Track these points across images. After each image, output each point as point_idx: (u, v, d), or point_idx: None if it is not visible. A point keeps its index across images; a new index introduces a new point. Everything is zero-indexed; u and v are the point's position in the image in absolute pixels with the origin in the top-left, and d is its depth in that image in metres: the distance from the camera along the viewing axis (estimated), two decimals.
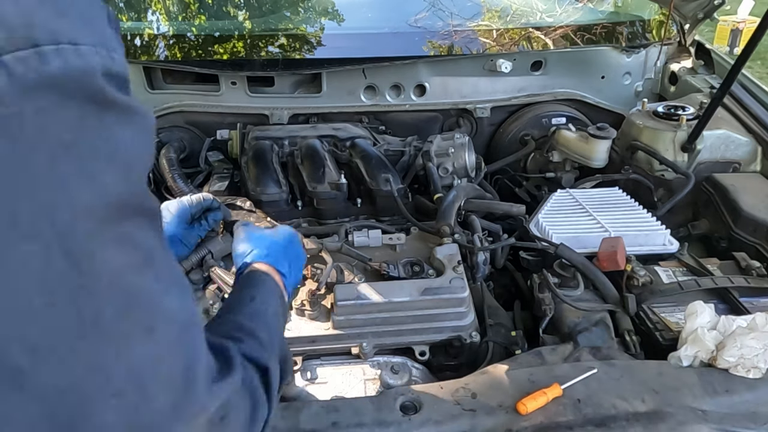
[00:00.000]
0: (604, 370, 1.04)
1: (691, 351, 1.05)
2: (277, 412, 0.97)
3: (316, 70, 1.95)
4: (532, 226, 1.48)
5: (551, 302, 1.27)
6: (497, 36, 2.13)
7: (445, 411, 0.97)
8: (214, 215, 1.25)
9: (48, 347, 0.39)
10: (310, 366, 1.18)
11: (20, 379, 0.39)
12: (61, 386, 0.40)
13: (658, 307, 1.24)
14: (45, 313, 0.39)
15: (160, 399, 0.45)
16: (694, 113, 1.72)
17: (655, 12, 2.20)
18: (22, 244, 0.38)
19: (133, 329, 0.43)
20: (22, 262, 0.38)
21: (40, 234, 0.38)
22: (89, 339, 0.41)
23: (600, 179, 1.76)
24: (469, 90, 2.03)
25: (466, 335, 1.22)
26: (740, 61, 1.46)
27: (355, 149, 1.71)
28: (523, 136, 2.02)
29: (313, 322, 1.19)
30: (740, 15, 6.27)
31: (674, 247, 1.41)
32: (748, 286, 1.26)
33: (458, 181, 1.66)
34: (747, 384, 1.00)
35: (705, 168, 1.67)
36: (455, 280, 1.21)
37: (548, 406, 0.96)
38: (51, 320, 0.39)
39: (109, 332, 0.42)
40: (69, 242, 0.39)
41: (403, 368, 1.19)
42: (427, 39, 2.09)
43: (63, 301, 0.40)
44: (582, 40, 2.09)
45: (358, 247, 1.34)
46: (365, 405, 0.99)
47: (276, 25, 2.21)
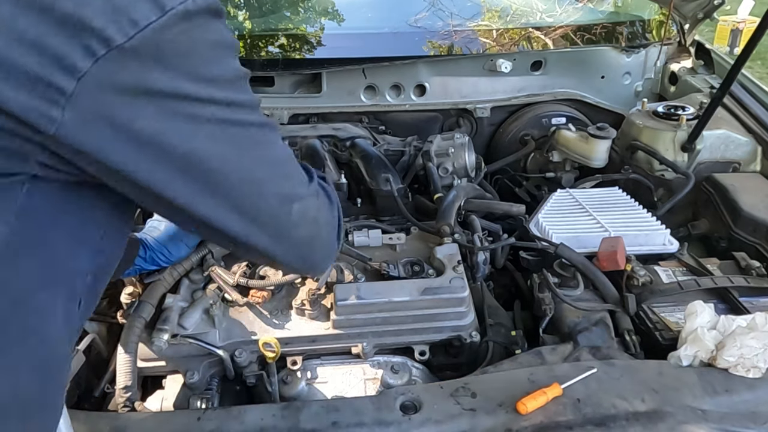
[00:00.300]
0: (604, 369, 1.04)
1: (690, 351, 1.05)
2: (277, 412, 0.97)
3: (316, 70, 1.95)
4: (532, 226, 1.48)
5: (551, 302, 1.27)
6: (497, 36, 2.13)
7: (445, 410, 0.97)
8: None
9: (234, 161, 0.64)
10: (310, 366, 1.19)
11: (214, 186, 0.63)
12: (244, 180, 0.65)
13: (657, 307, 1.24)
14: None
15: (295, 178, 0.74)
16: (694, 113, 1.72)
17: (655, 12, 2.21)
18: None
19: (272, 153, 0.69)
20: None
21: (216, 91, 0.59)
22: (255, 150, 0.66)
23: (600, 179, 1.76)
24: (469, 90, 2.03)
25: (466, 335, 1.22)
26: (740, 61, 1.47)
27: (355, 149, 1.71)
28: (523, 136, 2.02)
29: (313, 322, 1.19)
30: (740, 15, 6.27)
31: (674, 246, 1.41)
32: (747, 285, 1.26)
33: (458, 181, 1.66)
34: (747, 384, 1.00)
35: (705, 168, 1.67)
36: (455, 280, 1.21)
37: (548, 405, 0.96)
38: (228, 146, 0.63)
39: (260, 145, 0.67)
40: (231, 98, 0.61)
41: (403, 368, 1.19)
42: (427, 39, 2.09)
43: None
44: (582, 40, 2.09)
45: (358, 246, 1.34)
46: (365, 405, 0.99)
47: (276, 25, 2.21)
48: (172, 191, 0.60)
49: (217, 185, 0.63)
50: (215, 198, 0.64)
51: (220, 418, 0.97)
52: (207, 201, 0.63)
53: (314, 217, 0.77)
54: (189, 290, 1.22)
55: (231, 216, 0.66)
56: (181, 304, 1.18)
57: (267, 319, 1.19)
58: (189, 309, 1.17)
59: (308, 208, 0.75)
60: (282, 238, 0.73)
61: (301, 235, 0.76)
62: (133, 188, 0.60)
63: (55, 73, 0.48)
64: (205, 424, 0.96)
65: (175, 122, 0.56)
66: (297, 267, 0.86)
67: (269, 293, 1.22)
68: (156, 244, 1.17)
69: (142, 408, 1.09)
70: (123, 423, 0.98)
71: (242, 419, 0.96)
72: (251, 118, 0.64)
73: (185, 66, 0.56)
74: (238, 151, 0.63)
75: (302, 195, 0.74)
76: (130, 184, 0.59)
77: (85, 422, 0.97)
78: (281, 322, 1.19)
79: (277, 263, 0.82)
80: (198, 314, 1.17)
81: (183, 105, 0.56)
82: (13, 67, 0.48)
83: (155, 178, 0.59)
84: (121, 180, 0.58)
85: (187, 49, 0.55)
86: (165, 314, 1.15)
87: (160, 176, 0.59)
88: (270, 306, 1.22)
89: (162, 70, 0.54)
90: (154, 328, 1.12)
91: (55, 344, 0.64)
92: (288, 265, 0.80)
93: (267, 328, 1.18)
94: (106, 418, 1.00)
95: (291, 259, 0.78)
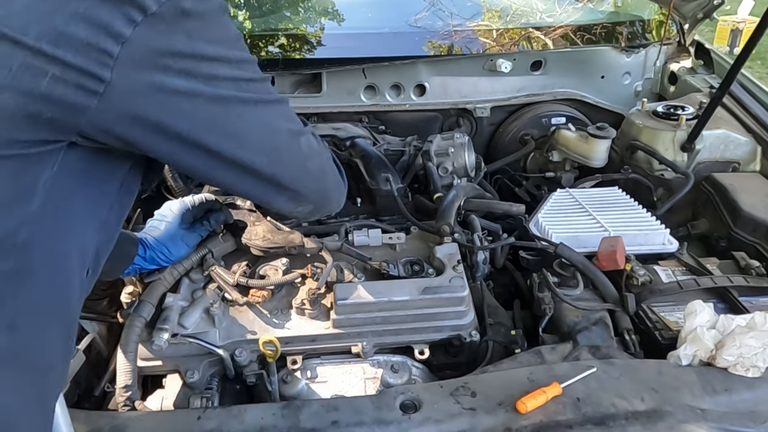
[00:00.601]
0: (604, 369, 1.04)
1: (690, 350, 1.05)
2: (277, 411, 0.98)
3: (316, 70, 1.95)
4: (532, 226, 1.48)
5: (551, 301, 1.27)
6: (497, 36, 2.13)
7: (444, 410, 0.97)
8: (216, 216, 1.25)
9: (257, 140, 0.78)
10: (310, 365, 1.19)
11: (238, 132, 0.74)
12: (260, 123, 0.77)
13: (657, 307, 1.24)
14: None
15: (294, 117, 0.86)
16: (694, 113, 1.72)
17: (654, 12, 2.21)
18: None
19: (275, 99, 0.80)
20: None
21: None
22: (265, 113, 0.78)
23: (600, 179, 1.76)
24: (469, 90, 2.04)
25: (466, 334, 1.22)
26: (740, 60, 1.47)
27: (355, 149, 1.71)
28: (522, 135, 2.02)
29: (313, 321, 1.20)
30: (740, 15, 6.27)
31: (674, 246, 1.41)
32: (747, 285, 1.26)
33: (458, 180, 1.66)
34: (746, 383, 1.00)
35: (704, 168, 1.67)
36: (455, 279, 1.21)
37: (548, 404, 0.96)
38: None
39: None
40: (238, 56, 0.71)
41: (402, 367, 1.19)
42: (427, 39, 2.09)
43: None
44: (582, 40, 2.09)
45: (358, 246, 1.35)
46: (365, 404, 0.99)
47: (276, 25, 2.21)
48: (205, 138, 0.71)
49: (240, 131, 0.74)
50: (241, 141, 0.75)
51: (220, 417, 0.97)
52: (233, 144, 0.74)
53: (318, 150, 0.90)
54: (189, 289, 1.22)
55: (258, 157, 0.78)
56: (182, 304, 1.18)
57: (267, 319, 1.20)
58: (189, 308, 1.18)
59: (311, 142, 0.87)
60: (300, 171, 0.86)
61: (314, 167, 0.89)
62: (163, 139, 0.68)
63: (104, 40, 0.57)
64: (205, 423, 0.96)
65: (196, 75, 0.65)
66: (316, 200, 0.94)
67: (269, 293, 1.22)
68: (156, 244, 1.17)
69: (142, 407, 1.09)
70: (123, 422, 0.98)
71: (242, 418, 0.96)
72: (256, 75, 0.74)
73: (200, 28, 0.65)
74: (253, 102, 0.74)
75: (304, 130, 0.86)
76: (161, 137, 0.67)
77: (85, 421, 0.97)
78: (281, 321, 1.19)
79: (299, 200, 0.90)
80: (198, 313, 1.17)
81: (201, 65, 0.66)
82: (72, 38, 0.56)
83: (183, 126, 0.68)
84: (153, 133, 0.66)
85: (202, 11, 0.65)
86: (165, 313, 1.15)
87: (186, 125, 0.68)
88: (270, 305, 1.22)
89: (183, 32, 0.63)
90: (154, 328, 1.12)
91: (75, 306, 0.73)
92: (308, 198, 0.90)
93: (267, 327, 1.18)
94: (106, 418, 1.00)
95: (309, 192, 0.90)
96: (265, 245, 1.28)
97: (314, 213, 0.99)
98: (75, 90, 0.57)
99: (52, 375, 0.70)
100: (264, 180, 0.81)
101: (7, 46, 0.54)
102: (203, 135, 0.70)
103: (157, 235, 1.18)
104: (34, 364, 0.66)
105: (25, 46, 0.54)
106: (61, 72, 0.56)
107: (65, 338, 0.72)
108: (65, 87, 0.57)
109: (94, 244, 0.73)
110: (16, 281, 0.62)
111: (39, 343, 0.67)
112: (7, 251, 0.60)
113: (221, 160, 0.74)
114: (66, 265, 0.68)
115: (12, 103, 0.56)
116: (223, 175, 0.77)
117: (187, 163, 0.73)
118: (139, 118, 0.64)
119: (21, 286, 0.63)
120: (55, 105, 0.57)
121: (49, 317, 0.68)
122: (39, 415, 0.68)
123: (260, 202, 0.94)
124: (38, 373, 0.67)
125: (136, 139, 0.66)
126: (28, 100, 0.56)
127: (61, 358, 0.72)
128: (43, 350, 0.67)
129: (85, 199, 0.69)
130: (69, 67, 0.56)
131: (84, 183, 0.68)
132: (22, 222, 0.61)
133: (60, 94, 0.57)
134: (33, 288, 0.64)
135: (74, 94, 0.58)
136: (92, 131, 0.62)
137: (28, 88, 0.56)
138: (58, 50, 0.55)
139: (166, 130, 0.67)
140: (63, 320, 0.70)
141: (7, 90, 0.55)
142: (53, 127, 0.60)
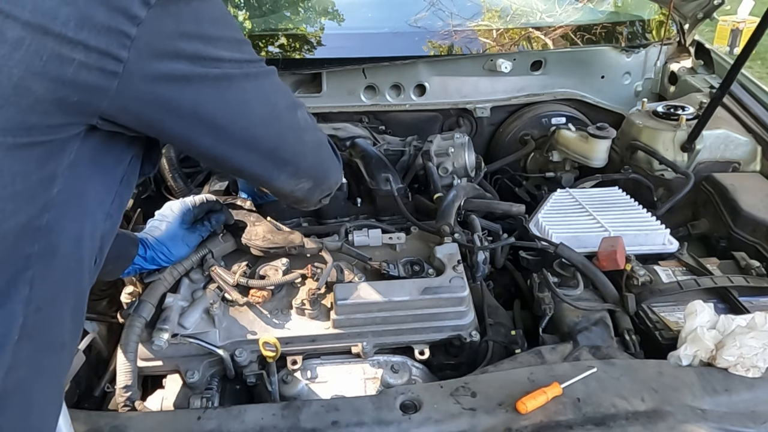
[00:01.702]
0: (604, 369, 1.04)
1: (690, 350, 1.05)
2: (277, 411, 0.98)
3: (316, 70, 1.95)
4: (532, 226, 1.48)
5: (551, 301, 1.27)
6: (497, 36, 2.13)
7: (445, 410, 0.97)
8: (217, 217, 1.25)
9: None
10: (310, 365, 1.19)
11: (243, 109, 0.78)
12: (261, 101, 0.81)
13: (657, 307, 1.24)
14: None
15: (288, 91, 0.92)
16: (694, 113, 1.72)
17: (655, 12, 2.21)
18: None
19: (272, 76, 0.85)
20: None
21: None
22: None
23: (600, 179, 1.76)
24: (469, 90, 2.04)
25: (466, 334, 1.22)
26: (740, 60, 1.47)
27: (355, 149, 1.71)
28: (522, 135, 2.02)
29: (313, 321, 1.20)
30: (740, 15, 6.27)
31: (674, 246, 1.41)
32: (747, 285, 1.26)
33: (458, 180, 1.66)
34: (746, 383, 1.00)
35: (704, 168, 1.67)
36: (455, 280, 1.21)
37: (548, 405, 0.96)
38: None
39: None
40: (238, 37, 0.77)
41: (403, 367, 1.19)
42: (427, 39, 2.10)
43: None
44: (582, 40, 2.10)
45: (358, 246, 1.35)
46: (365, 404, 0.99)
47: (276, 25, 2.21)
48: (213, 115, 0.74)
49: (244, 106, 0.78)
50: (246, 116, 0.79)
51: (220, 417, 0.97)
52: (238, 119, 0.78)
53: (312, 124, 0.94)
54: (189, 290, 1.22)
55: (260, 129, 0.82)
56: (182, 304, 1.18)
57: (267, 319, 1.19)
58: (189, 308, 1.18)
59: (306, 116, 0.91)
60: (299, 143, 0.91)
61: (311, 140, 0.94)
62: (174, 117, 0.72)
63: (122, 22, 0.60)
64: (205, 423, 0.96)
65: (203, 52, 0.69)
66: (314, 174, 0.98)
67: (269, 293, 1.22)
68: (156, 244, 1.17)
69: (142, 407, 1.09)
70: (123, 422, 0.98)
71: (242, 419, 0.96)
72: (253, 54, 0.79)
73: (205, 10, 0.69)
74: (254, 76, 0.78)
75: (299, 103, 0.91)
76: (173, 115, 0.71)
77: (85, 422, 0.97)
78: (281, 321, 1.19)
79: (299, 175, 0.95)
80: (198, 314, 1.17)
81: (208, 45, 0.69)
82: (94, 21, 0.59)
83: (191, 103, 0.71)
84: (165, 111, 0.70)
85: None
86: (165, 314, 1.15)
87: (195, 103, 0.72)
88: (270, 305, 1.22)
89: (191, 13, 0.67)
90: (154, 328, 1.12)
91: (85, 290, 0.76)
92: (307, 172, 0.96)
93: (267, 327, 1.18)
94: (106, 418, 0.99)
95: (308, 166, 0.95)
96: (265, 245, 1.28)
97: (313, 191, 1.02)
98: (98, 73, 0.60)
99: (63, 353, 0.74)
100: (266, 155, 0.86)
101: (38, 34, 0.57)
102: (212, 111, 0.74)
103: (158, 235, 1.18)
104: (50, 343, 0.70)
105: (53, 33, 0.57)
106: (85, 57, 0.59)
107: (76, 320, 0.75)
108: (89, 71, 0.60)
109: (101, 232, 0.76)
110: (43, 263, 0.65)
111: (56, 322, 0.70)
112: (33, 234, 0.63)
113: (227, 136, 0.78)
114: (80, 249, 0.71)
115: (43, 90, 0.58)
116: (228, 153, 0.80)
117: (196, 142, 0.77)
118: (154, 97, 0.67)
119: (47, 267, 0.66)
120: (81, 89, 0.60)
121: (65, 297, 0.71)
122: (54, 389, 0.73)
123: (263, 181, 0.95)
124: (53, 350, 0.71)
125: (150, 119, 0.70)
126: (57, 86, 0.59)
127: (70, 338, 0.76)
128: (59, 329, 0.71)
129: (97, 185, 0.72)
130: (91, 51, 0.59)
131: (95, 170, 0.71)
132: (46, 206, 0.64)
133: (84, 78, 0.60)
134: (55, 269, 0.67)
135: (97, 77, 0.61)
136: (113, 112, 0.65)
137: (56, 75, 0.58)
138: (81, 33, 0.58)
139: (177, 108, 0.71)
140: (75, 302, 0.74)
141: (39, 78, 0.58)
142: (78, 111, 0.62)
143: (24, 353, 0.64)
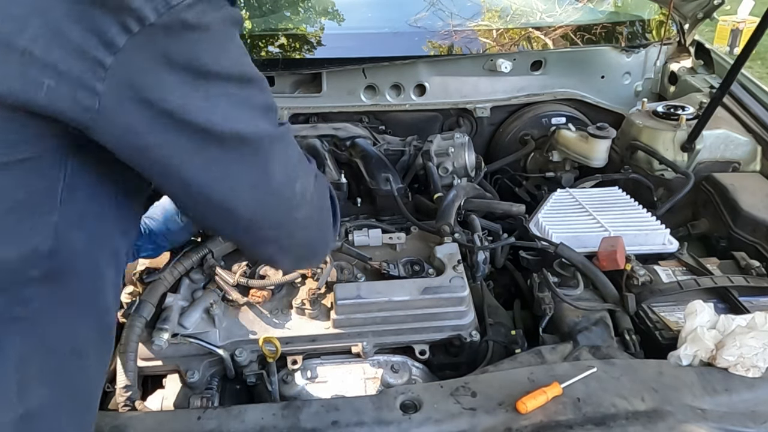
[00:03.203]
0: (604, 369, 1.04)
1: (690, 350, 1.05)
2: (277, 411, 0.98)
3: (316, 70, 1.95)
4: (532, 226, 1.48)
5: (551, 301, 1.27)
6: (497, 36, 2.13)
7: (445, 410, 0.97)
8: None
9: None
10: (310, 365, 1.19)
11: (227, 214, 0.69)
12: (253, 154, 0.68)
13: (657, 307, 1.24)
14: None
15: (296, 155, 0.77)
16: (694, 113, 1.72)
17: (654, 12, 2.21)
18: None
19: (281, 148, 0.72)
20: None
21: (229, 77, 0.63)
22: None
23: (600, 179, 1.76)
24: (469, 90, 2.03)
25: (466, 334, 1.22)
26: (740, 60, 1.47)
27: (355, 149, 1.71)
28: (522, 135, 2.02)
29: (313, 321, 1.20)
30: (740, 15, 6.27)
31: (674, 246, 1.41)
32: (747, 285, 1.26)
33: (458, 180, 1.66)
34: (746, 383, 1.00)
35: (704, 168, 1.67)
36: (455, 279, 1.21)
37: (548, 404, 0.96)
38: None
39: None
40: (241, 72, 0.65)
41: (403, 367, 1.19)
42: (427, 39, 2.10)
43: None
44: (582, 40, 2.09)
45: (359, 246, 1.35)
46: (365, 404, 0.99)
47: (276, 25, 2.21)
48: (181, 159, 0.63)
49: (229, 174, 0.66)
50: (227, 189, 0.67)
51: (220, 417, 0.97)
52: (216, 170, 0.65)
53: (313, 199, 0.79)
54: (189, 289, 1.22)
55: (242, 203, 0.69)
56: (182, 304, 1.18)
57: (267, 319, 1.20)
58: (189, 308, 1.18)
59: (310, 187, 0.78)
60: (288, 222, 0.76)
61: (304, 218, 0.78)
62: (147, 162, 0.63)
63: (96, 47, 0.52)
64: (205, 423, 0.96)
65: (193, 98, 0.59)
66: (296, 253, 0.85)
67: (269, 293, 1.22)
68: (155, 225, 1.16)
69: (142, 407, 1.09)
70: (123, 422, 0.98)
71: (242, 418, 0.96)
72: (260, 101, 0.67)
73: (203, 41, 0.58)
74: (251, 144, 0.66)
75: (305, 172, 0.78)
76: (146, 160, 0.62)
77: None
78: (281, 321, 1.19)
79: (279, 252, 0.82)
80: (198, 313, 1.17)
81: (199, 80, 0.59)
82: (65, 39, 0.51)
83: (169, 145, 0.61)
84: (139, 152, 0.61)
85: (207, 23, 0.58)
86: (165, 313, 1.15)
87: (174, 144, 0.61)
88: (270, 305, 1.22)
89: (183, 45, 0.57)
90: (155, 328, 1.13)
91: (110, 310, 0.74)
92: (288, 250, 0.82)
93: (267, 327, 1.18)
94: (106, 418, 0.99)
95: (292, 244, 0.81)
96: None
97: (291, 264, 0.97)
98: (71, 103, 0.54)
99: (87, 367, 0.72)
100: (242, 228, 0.73)
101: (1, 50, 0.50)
102: (191, 173, 0.64)
103: (156, 217, 1.18)
104: (65, 353, 0.68)
105: (17, 49, 0.50)
106: (56, 83, 0.52)
107: (102, 337, 0.74)
108: (62, 101, 0.53)
109: (123, 248, 0.74)
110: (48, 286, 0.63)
111: (71, 334, 0.68)
112: (35, 257, 0.61)
113: (204, 199, 0.67)
114: (98, 268, 0.69)
115: (12, 114, 0.53)
116: (203, 214, 0.72)
117: (170, 193, 0.70)
118: (127, 144, 0.60)
119: (53, 290, 0.64)
120: (57, 118, 0.55)
121: (84, 319, 0.69)
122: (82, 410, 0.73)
123: (237, 244, 0.91)
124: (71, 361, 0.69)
125: (127, 159, 0.62)
126: (28, 114, 0.54)
127: (96, 359, 0.74)
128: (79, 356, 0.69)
129: (106, 202, 0.69)
130: (63, 77, 0.52)
131: (99, 185, 0.67)
132: (48, 227, 0.61)
133: (58, 108, 0.54)
134: (70, 291, 0.65)
135: (72, 110, 0.54)
136: (95, 140, 0.60)
137: (27, 98, 0.52)
138: (52, 53, 0.51)
139: (149, 153, 0.61)
140: (98, 325, 0.72)
141: (9, 96, 0.52)
142: (56, 133, 0.58)
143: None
